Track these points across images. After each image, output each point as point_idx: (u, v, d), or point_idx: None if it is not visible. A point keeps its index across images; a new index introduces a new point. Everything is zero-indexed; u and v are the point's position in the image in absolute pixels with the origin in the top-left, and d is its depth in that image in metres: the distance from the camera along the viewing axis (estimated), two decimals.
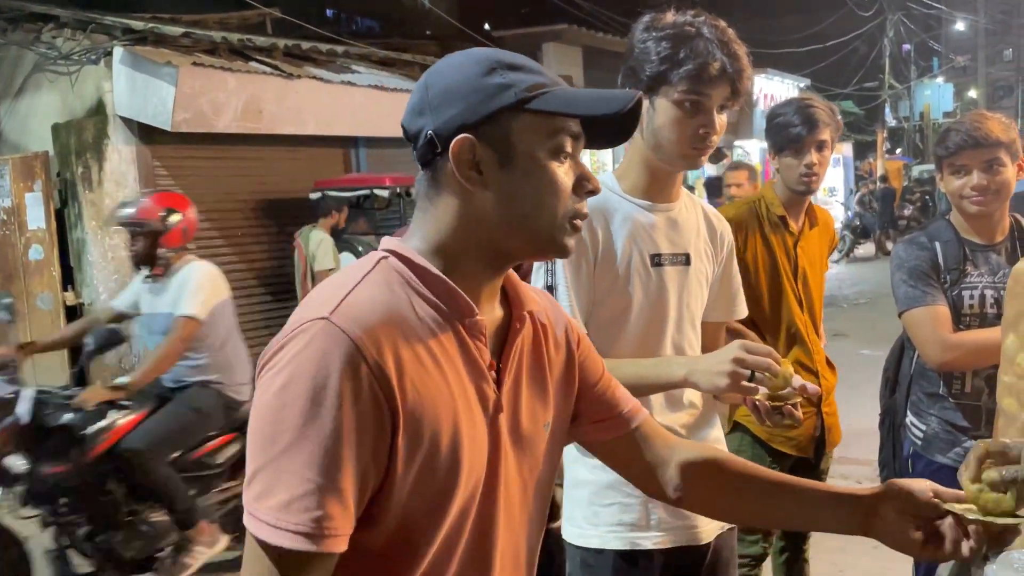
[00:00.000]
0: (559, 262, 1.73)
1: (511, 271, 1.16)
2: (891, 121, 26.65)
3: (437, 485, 1.02)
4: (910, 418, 2.49)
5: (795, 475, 2.66)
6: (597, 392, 1.27)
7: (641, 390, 1.68)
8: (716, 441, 1.93)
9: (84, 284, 7.03)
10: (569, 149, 1.06)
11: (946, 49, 32.38)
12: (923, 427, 2.43)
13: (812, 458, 2.74)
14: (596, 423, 1.27)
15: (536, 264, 1.77)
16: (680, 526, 1.80)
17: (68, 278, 7.05)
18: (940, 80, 30.22)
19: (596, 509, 1.80)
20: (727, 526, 1.89)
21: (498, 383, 1.09)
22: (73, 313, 7.01)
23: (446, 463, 1.02)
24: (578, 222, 1.08)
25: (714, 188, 7.77)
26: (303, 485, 0.92)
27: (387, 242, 1.10)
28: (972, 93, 37.30)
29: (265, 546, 0.93)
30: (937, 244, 2.33)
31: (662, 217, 1.82)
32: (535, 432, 1.16)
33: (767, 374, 1.53)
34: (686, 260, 1.84)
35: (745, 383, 1.54)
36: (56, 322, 7.00)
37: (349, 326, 0.95)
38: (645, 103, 1.72)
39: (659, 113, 1.72)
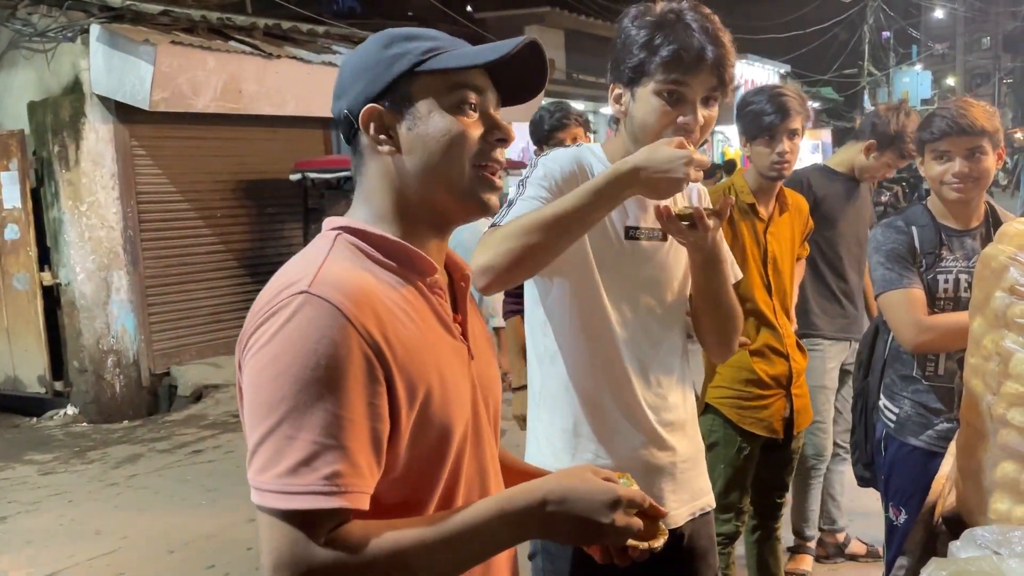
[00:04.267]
0: (530, 184, 1.68)
1: None
2: (870, 108, 26.81)
3: (434, 433, 1.08)
4: (883, 401, 2.53)
5: (766, 455, 2.77)
6: None
7: (579, 215, 1.53)
8: (690, 421, 1.89)
9: (61, 264, 6.97)
10: (473, 100, 1.13)
11: (925, 37, 32.58)
12: (896, 409, 2.47)
13: (781, 439, 2.79)
14: None
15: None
16: None
17: (45, 258, 6.98)
18: (918, 67, 30.39)
19: None
20: (699, 511, 1.88)
21: (464, 335, 1.18)
22: (50, 293, 6.96)
23: (439, 412, 1.07)
24: (491, 174, 1.14)
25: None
26: (307, 448, 0.94)
27: (332, 221, 1.14)
28: (950, 81, 37.58)
29: (279, 514, 0.94)
30: (914, 228, 2.36)
31: None
32: (493, 379, 1.26)
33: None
34: (663, 236, 1.79)
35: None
36: (32, 302, 6.94)
37: (330, 294, 0.99)
38: (627, 96, 1.70)
39: (639, 105, 1.67)
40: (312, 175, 7.60)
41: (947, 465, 2.01)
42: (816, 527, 3.73)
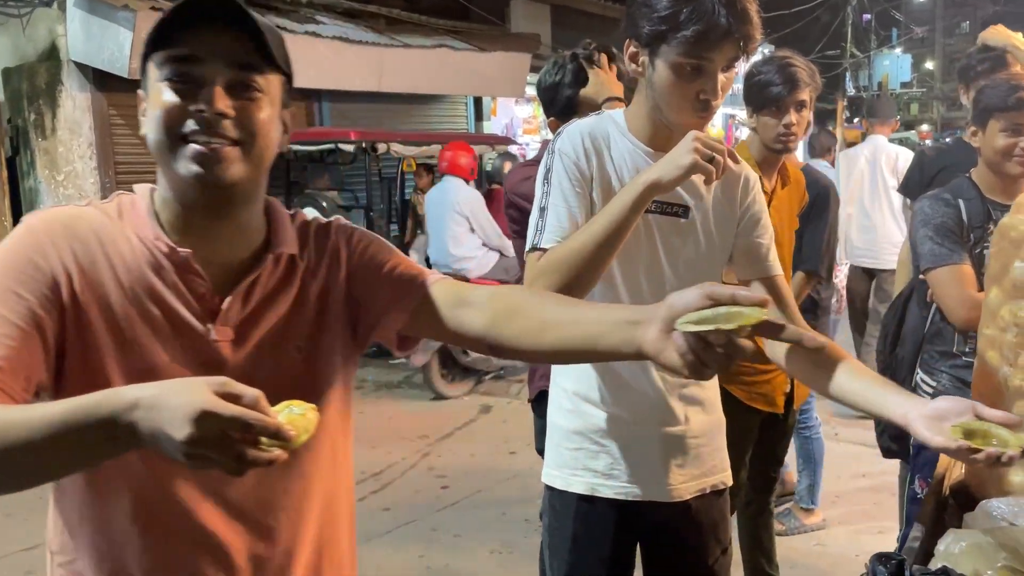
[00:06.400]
0: (555, 184, 1.66)
1: (276, 210, 1.25)
2: (852, 91, 26.87)
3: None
4: (920, 375, 2.51)
5: (763, 430, 2.75)
6: (386, 276, 1.28)
7: (612, 235, 1.57)
8: (709, 397, 1.87)
9: None
10: (182, 72, 1.13)
11: (906, 20, 32.72)
12: (934, 383, 2.46)
13: (782, 413, 2.78)
14: (397, 305, 1.26)
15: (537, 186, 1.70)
16: (651, 481, 1.78)
17: None
18: (898, 51, 30.50)
19: (563, 451, 1.82)
20: (709, 488, 1.84)
21: (215, 314, 1.17)
22: None
23: (118, 374, 1.11)
24: (197, 146, 1.11)
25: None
26: None
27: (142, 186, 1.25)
28: (929, 64, 37.82)
29: None
30: (961, 202, 2.31)
31: None
32: (283, 356, 1.21)
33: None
34: (683, 212, 1.73)
35: (706, 163, 1.52)
36: None
37: (38, 219, 1.16)
38: (643, 57, 1.64)
39: (658, 74, 1.61)
40: (294, 148, 7.48)
41: None
42: None
